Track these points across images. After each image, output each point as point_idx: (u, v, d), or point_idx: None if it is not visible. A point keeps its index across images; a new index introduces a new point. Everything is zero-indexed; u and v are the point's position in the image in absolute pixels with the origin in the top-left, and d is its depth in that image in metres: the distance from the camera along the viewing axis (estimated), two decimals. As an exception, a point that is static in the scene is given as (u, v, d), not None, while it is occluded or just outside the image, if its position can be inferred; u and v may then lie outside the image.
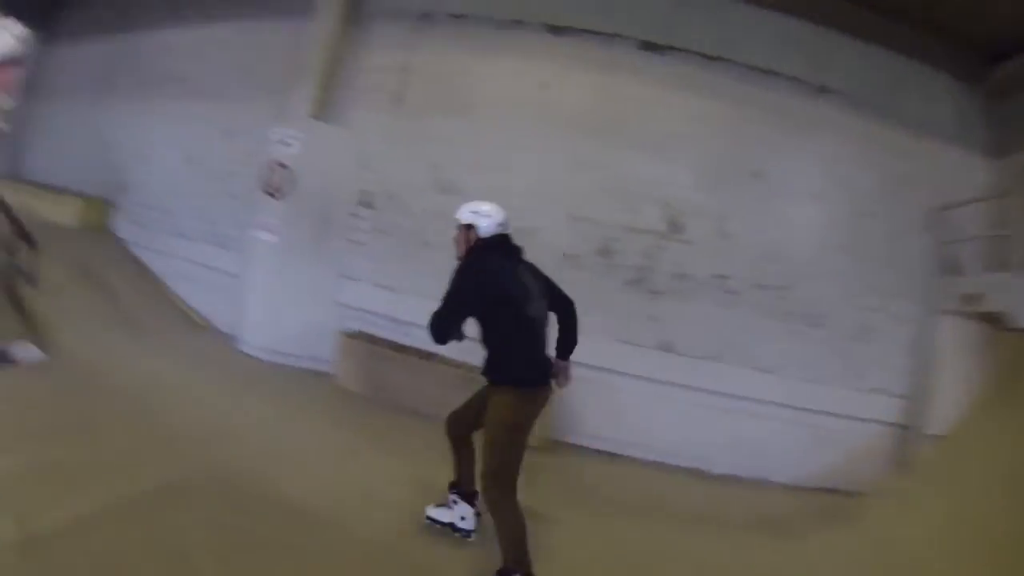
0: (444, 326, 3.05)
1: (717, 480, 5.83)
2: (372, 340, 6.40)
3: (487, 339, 3.19)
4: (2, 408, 4.23)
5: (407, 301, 6.41)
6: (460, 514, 3.59)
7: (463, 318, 3.10)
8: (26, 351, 5.41)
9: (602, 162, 6.20)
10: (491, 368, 3.20)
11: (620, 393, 6.02)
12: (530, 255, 6.03)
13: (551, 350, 3.49)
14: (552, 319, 3.52)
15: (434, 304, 3.09)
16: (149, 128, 9.81)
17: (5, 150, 14.55)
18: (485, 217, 3.37)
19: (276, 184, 6.74)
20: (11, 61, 15.85)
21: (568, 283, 5.96)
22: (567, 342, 3.64)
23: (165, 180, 9.10)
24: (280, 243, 6.80)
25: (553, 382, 3.41)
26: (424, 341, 6.09)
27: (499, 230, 3.39)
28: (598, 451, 5.97)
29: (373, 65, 7.10)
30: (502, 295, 3.11)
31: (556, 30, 6.48)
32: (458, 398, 5.71)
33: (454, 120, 6.61)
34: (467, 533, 3.54)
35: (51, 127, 13.13)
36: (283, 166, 6.78)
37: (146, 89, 10.16)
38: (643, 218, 6.08)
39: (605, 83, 6.29)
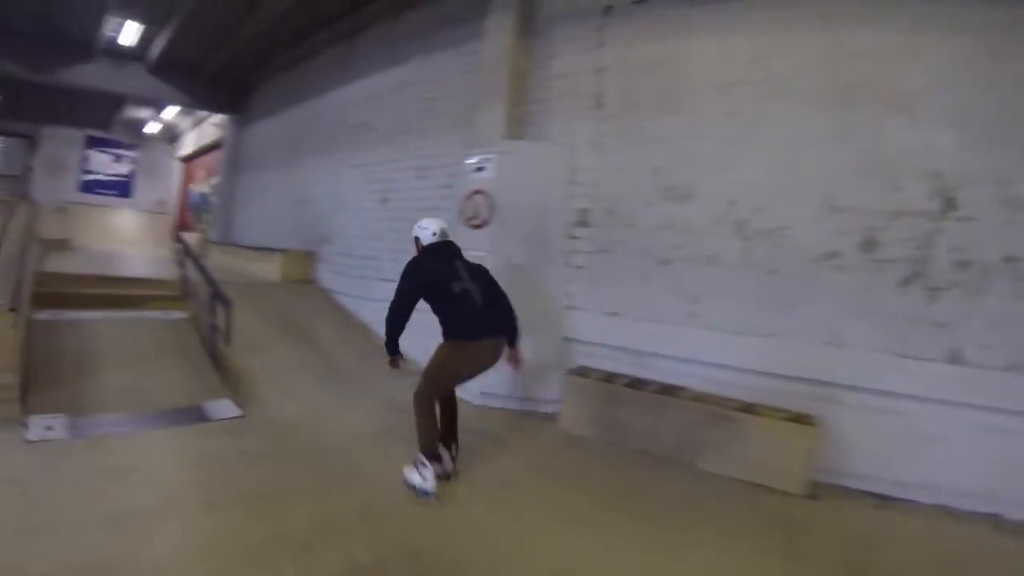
0: (395, 313, 4.22)
1: (1019, 529, 4.27)
2: (603, 376, 5.68)
3: (435, 314, 4.29)
4: (185, 472, 4.05)
5: (643, 328, 5.72)
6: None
7: (409, 304, 4.21)
8: (222, 408, 5.39)
9: (847, 136, 5.04)
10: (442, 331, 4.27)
11: (899, 420, 4.71)
12: (779, 261, 5.12)
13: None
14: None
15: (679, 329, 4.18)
16: (341, 178, 10.22)
17: (217, 221, 16.03)
18: (423, 230, 4.52)
19: (476, 213, 6.39)
20: (214, 146, 17.69)
21: (829, 289, 4.96)
22: (509, 332, 4.48)
23: (363, 226, 9.30)
24: (489, 276, 6.42)
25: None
26: (665, 374, 5.37)
27: (435, 238, 4.49)
28: (872, 494, 4.69)
29: (562, 71, 6.61)
30: (431, 280, 4.22)
31: (759, -8, 5.54)
32: (708, 439, 4.91)
33: (665, 116, 5.83)
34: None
35: (252, 194, 14.21)
36: (482, 193, 6.39)
37: (333, 143, 10.63)
38: (909, 197, 4.81)
39: (830, 41, 5.15)
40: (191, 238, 17.47)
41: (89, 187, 21.56)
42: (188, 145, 21.24)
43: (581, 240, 6.26)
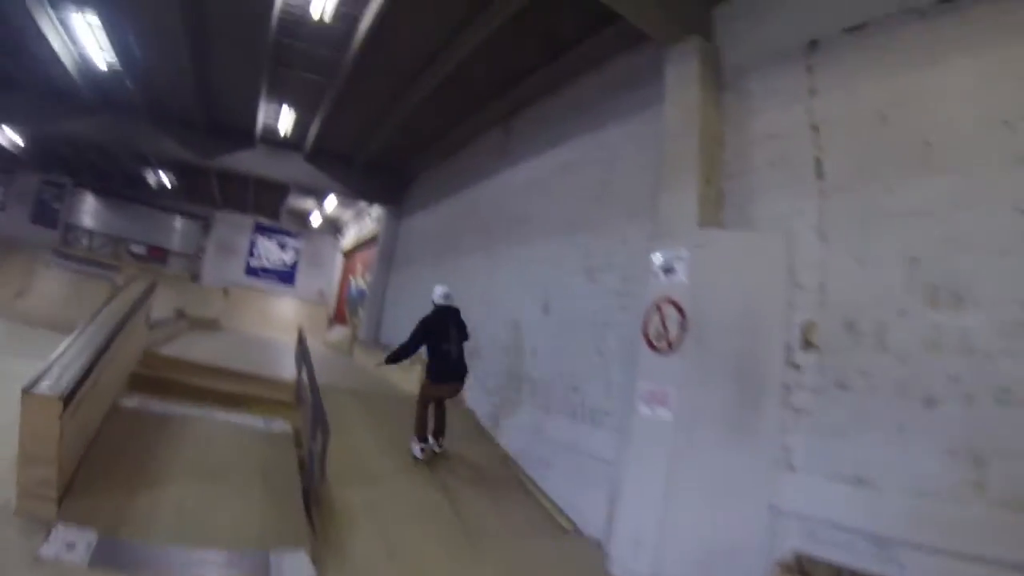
0: (405, 350, 6.77)
1: None
2: (834, 573, 3.94)
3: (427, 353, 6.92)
4: None
5: (895, 503, 3.88)
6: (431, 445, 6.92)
7: (416, 346, 6.78)
8: (292, 565, 4.19)
9: None
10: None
11: None
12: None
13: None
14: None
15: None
16: (496, 279, 9.27)
17: (368, 318, 16.15)
18: (435, 294, 7.23)
19: (664, 331, 4.95)
20: (373, 240, 18.17)
21: None
22: (463, 377, 7.11)
23: (519, 337, 8.09)
24: (677, 418, 4.76)
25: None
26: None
27: (442, 300, 7.16)
28: None
29: (766, 132, 5.17)
30: (429, 334, 6.80)
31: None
32: None
33: (917, 178, 4.14)
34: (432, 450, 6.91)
35: (403, 292, 13.73)
36: (672, 304, 4.95)
37: (488, 238, 9.84)
38: None
39: None
40: (341, 333, 17.52)
41: (254, 271, 24.09)
42: (349, 238, 22.32)
43: (805, 370, 4.52)
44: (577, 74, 8.28)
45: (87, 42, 10.97)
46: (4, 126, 16.80)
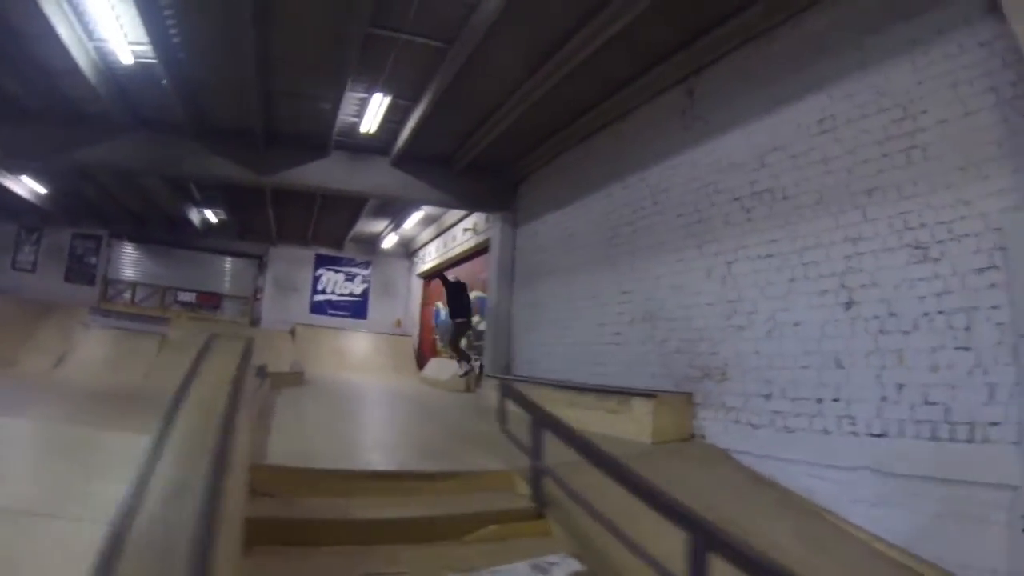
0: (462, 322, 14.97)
1: None
2: None
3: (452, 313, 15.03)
4: None
5: None
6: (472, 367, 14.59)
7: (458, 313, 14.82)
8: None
9: None
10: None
11: None
12: None
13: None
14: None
15: None
16: (731, 278, 7.75)
17: (491, 347, 14.58)
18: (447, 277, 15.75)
19: None
20: (467, 257, 17.42)
21: None
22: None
23: (800, 348, 6.64)
24: None
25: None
26: None
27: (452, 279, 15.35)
28: None
29: None
30: (454, 300, 14.81)
31: None
32: None
33: None
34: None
35: (541, 311, 12.24)
36: None
37: (701, 228, 8.33)
38: None
39: None
40: (453, 368, 15.90)
41: (320, 308, 23.51)
42: (429, 259, 21.28)
43: None
44: (806, 9, 7.01)
45: (106, 27, 8.73)
46: (23, 177, 15.83)
